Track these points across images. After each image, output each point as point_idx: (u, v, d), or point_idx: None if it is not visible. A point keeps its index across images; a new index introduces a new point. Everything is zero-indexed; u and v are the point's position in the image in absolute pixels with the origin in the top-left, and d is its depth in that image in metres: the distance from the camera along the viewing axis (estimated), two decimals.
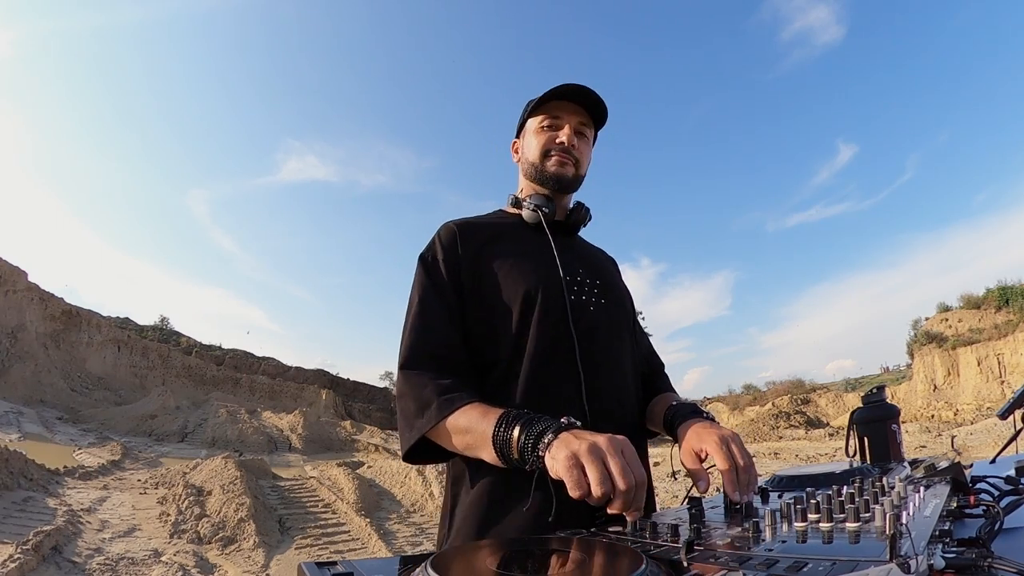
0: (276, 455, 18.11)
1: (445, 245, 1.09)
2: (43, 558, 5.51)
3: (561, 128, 1.16)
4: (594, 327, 1.07)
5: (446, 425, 0.91)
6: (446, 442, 0.94)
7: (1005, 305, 26.68)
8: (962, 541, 0.57)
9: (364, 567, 0.54)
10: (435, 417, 0.92)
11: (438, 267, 1.07)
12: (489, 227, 1.15)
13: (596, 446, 0.75)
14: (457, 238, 1.09)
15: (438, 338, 1.02)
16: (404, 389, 0.98)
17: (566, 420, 0.83)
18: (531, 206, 1.15)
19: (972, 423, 18.42)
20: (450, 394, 0.93)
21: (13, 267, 26.90)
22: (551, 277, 1.08)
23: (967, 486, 0.87)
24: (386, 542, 7.08)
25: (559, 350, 1.03)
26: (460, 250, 1.08)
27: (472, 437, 0.89)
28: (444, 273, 1.06)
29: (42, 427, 17.71)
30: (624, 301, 1.19)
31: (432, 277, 1.07)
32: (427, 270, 1.08)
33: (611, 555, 0.56)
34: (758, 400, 35.31)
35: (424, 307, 1.04)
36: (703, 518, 0.73)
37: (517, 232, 1.15)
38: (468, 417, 0.90)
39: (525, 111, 1.21)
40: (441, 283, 1.05)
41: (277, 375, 37.69)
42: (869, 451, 1.36)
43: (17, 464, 8.74)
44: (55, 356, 26.63)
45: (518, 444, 0.82)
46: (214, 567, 6.14)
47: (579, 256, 1.18)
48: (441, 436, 0.94)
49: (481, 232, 1.12)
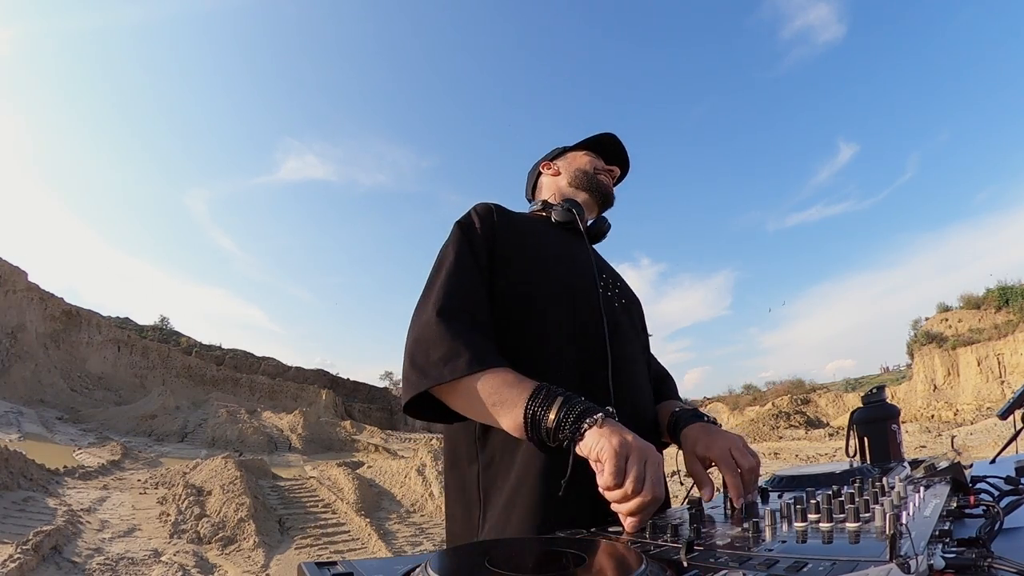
0: (276, 455, 18.11)
1: (483, 216, 1.08)
2: (43, 558, 5.52)
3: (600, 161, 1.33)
4: (619, 324, 1.10)
5: (472, 381, 0.87)
6: (460, 399, 0.90)
7: (1005, 305, 26.68)
8: (962, 541, 0.57)
9: (364, 567, 0.54)
10: (464, 370, 0.86)
11: (475, 233, 1.05)
12: (523, 217, 1.19)
13: (646, 448, 0.77)
14: (494, 214, 1.09)
15: (475, 298, 0.98)
16: (432, 334, 0.91)
17: (611, 409, 0.83)
18: (565, 206, 1.21)
19: (972, 423, 18.43)
20: (485, 352, 0.89)
21: (13, 267, 26.89)
22: (586, 271, 1.12)
23: (967, 486, 0.87)
24: (386, 542, 7.08)
25: (590, 341, 1.03)
26: (497, 222, 1.08)
27: (498, 400, 0.85)
28: (481, 240, 1.05)
29: (42, 427, 17.71)
30: (637, 309, 1.25)
31: (470, 241, 1.04)
32: (464, 233, 1.05)
33: (611, 555, 0.56)
34: (758, 400, 35.33)
35: (460, 265, 1.00)
36: (703, 518, 0.73)
37: (549, 228, 1.19)
38: (500, 380, 0.86)
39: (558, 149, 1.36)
40: (478, 249, 1.03)
41: (277, 375, 37.69)
42: (869, 451, 1.36)
43: (17, 464, 8.74)
44: (55, 356, 26.63)
45: (556, 418, 0.80)
46: (214, 567, 6.14)
47: (602, 260, 1.26)
48: (457, 392, 0.89)
49: (516, 218, 1.14)
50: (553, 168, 1.34)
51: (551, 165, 1.35)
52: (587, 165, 1.31)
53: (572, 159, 1.33)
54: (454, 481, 1.04)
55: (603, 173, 1.32)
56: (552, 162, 1.35)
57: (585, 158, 1.32)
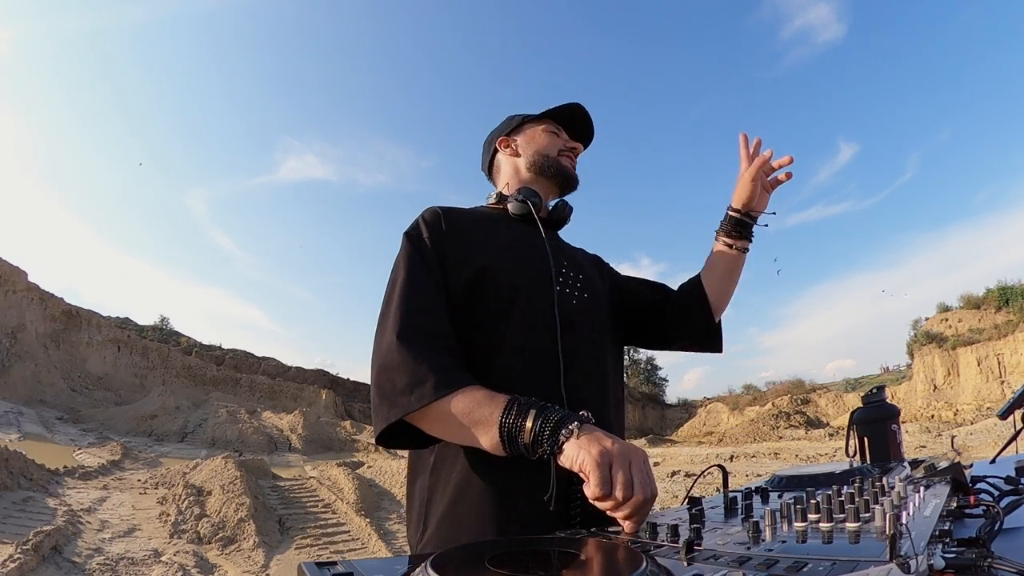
0: (276, 455, 18.09)
1: (430, 224, 1.05)
2: (43, 558, 5.51)
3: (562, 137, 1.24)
4: (575, 320, 1.05)
5: (442, 405, 0.85)
6: (434, 424, 0.88)
7: (1005, 305, 26.68)
8: (962, 541, 0.57)
9: (364, 567, 0.54)
10: (431, 395, 0.84)
11: (424, 244, 1.02)
12: (474, 214, 1.14)
13: (627, 450, 0.76)
14: (441, 219, 1.06)
15: (431, 316, 0.95)
16: (394, 361, 0.88)
17: (585, 413, 0.83)
18: (519, 197, 1.14)
19: (972, 423, 18.42)
20: (450, 373, 0.87)
21: (13, 267, 26.88)
22: (540, 265, 1.07)
23: (967, 486, 0.87)
24: (386, 542, 7.07)
25: (542, 339, 1.00)
26: (445, 229, 1.04)
27: (471, 421, 0.84)
28: (431, 250, 1.02)
29: (42, 427, 17.70)
30: (602, 300, 1.17)
31: (420, 253, 1.01)
32: (413, 245, 1.03)
33: (611, 555, 0.56)
34: (758, 400, 35.29)
35: (413, 282, 0.98)
36: (703, 518, 0.73)
37: (503, 222, 1.14)
38: (470, 399, 0.85)
39: (515, 118, 1.25)
40: (429, 260, 1.01)
41: (277, 375, 37.68)
42: (869, 451, 1.36)
43: (17, 464, 8.73)
44: (55, 356, 26.63)
45: (532, 431, 0.79)
46: (214, 567, 6.13)
47: (563, 250, 1.18)
48: (430, 418, 0.88)
49: (466, 217, 1.10)
50: (511, 147, 1.23)
51: (508, 142, 1.23)
52: (547, 146, 1.20)
53: (531, 136, 1.22)
54: (408, 490, 1.06)
55: (566, 154, 1.21)
56: (509, 137, 1.24)
57: (544, 136, 1.21)
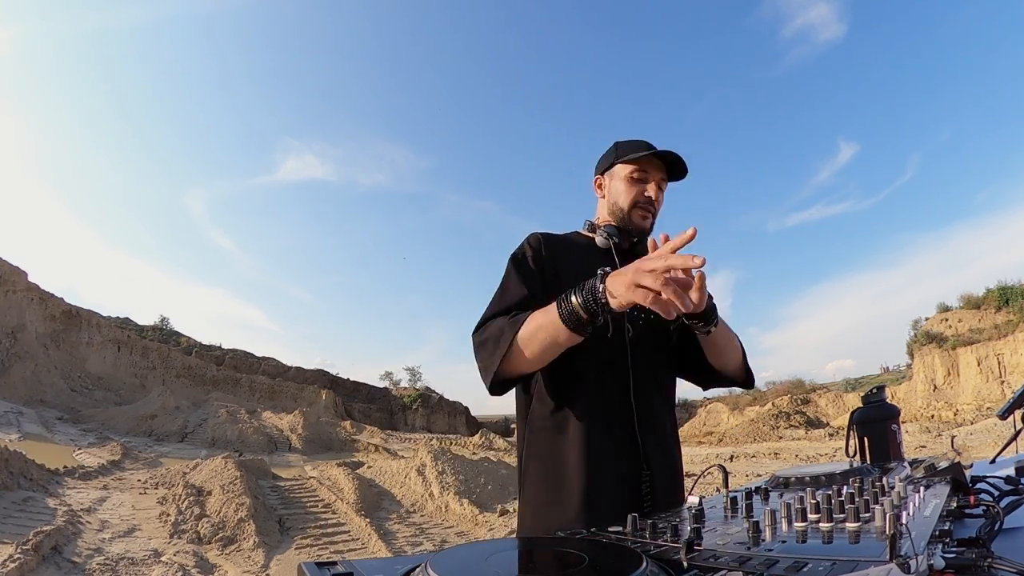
0: (276, 455, 18.09)
1: (534, 247, 1.28)
2: (43, 558, 5.51)
3: (648, 183, 1.30)
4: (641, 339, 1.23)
5: (520, 337, 1.06)
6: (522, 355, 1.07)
7: (1005, 305, 26.67)
8: (962, 541, 0.57)
9: (364, 567, 0.54)
10: (509, 334, 1.07)
11: (527, 263, 1.25)
12: (567, 241, 1.35)
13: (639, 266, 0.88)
14: (542, 243, 1.28)
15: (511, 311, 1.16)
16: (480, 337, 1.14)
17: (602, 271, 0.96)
18: (604, 234, 1.31)
19: (972, 423, 18.42)
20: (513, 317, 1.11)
21: (13, 267, 26.90)
22: None
23: (967, 486, 0.87)
24: (386, 542, 7.07)
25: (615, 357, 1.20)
26: (544, 252, 1.27)
27: (543, 329, 1.03)
28: (532, 268, 1.24)
29: (42, 427, 17.71)
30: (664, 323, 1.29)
31: (521, 271, 1.24)
32: (517, 265, 1.25)
33: (611, 555, 0.56)
34: (758, 400, 35.26)
35: (506, 290, 1.22)
36: (703, 518, 0.73)
37: (588, 251, 1.31)
38: (534, 320, 1.06)
39: (611, 154, 1.34)
40: (527, 275, 1.23)
41: (277, 375, 37.69)
42: (869, 451, 1.36)
43: (17, 464, 8.73)
44: (55, 356, 26.64)
45: (582, 303, 0.96)
46: (214, 567, 6.13)
47: None
48: (516, 352, 1.07)
49: (560, 243, 1.32)
50: (601, 188, 1.38)
51: (601, 182, 1.38)
52: (626, 200, 1.30)
53: (614, 182, 1.32)
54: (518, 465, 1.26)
55: (641, 207, 1.29)
56: (602, 176, 1.37)
57: (623, 186, 1.30)
